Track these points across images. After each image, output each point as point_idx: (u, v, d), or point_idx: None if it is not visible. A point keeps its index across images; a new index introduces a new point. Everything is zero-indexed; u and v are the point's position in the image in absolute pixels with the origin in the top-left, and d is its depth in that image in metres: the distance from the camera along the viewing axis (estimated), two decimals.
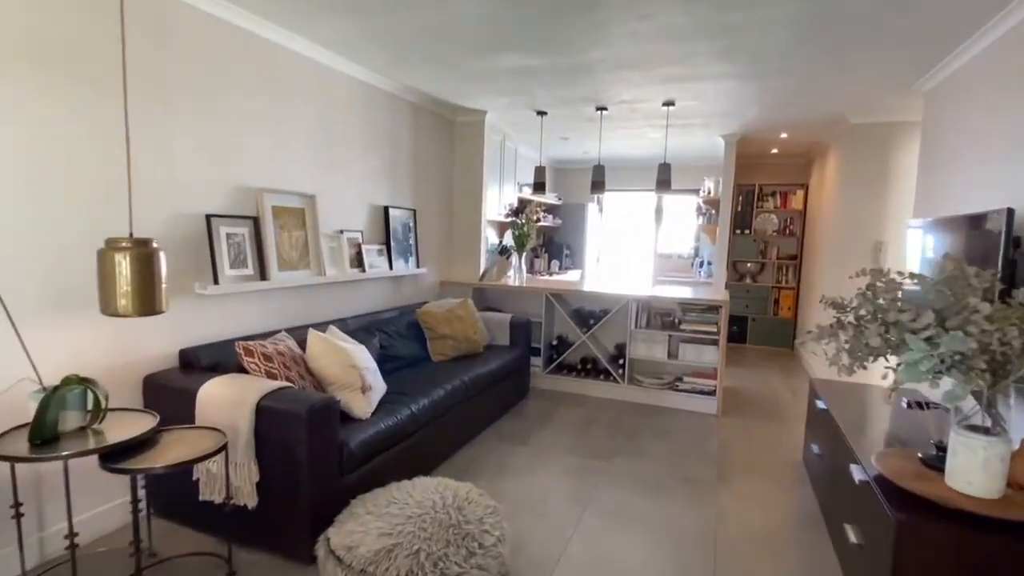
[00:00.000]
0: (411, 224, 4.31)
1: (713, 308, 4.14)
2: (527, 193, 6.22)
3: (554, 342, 4.65)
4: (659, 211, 7.74)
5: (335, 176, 3.48)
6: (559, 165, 7.93)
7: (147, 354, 2.41)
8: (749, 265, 6.91)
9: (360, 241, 3.73)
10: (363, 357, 2.69)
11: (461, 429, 3.32)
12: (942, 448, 1.91)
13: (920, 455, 1.98)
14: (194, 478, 2.18)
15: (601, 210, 8.14)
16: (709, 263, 6.80)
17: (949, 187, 3.02)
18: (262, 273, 2.88)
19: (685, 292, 4.54)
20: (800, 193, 6.61)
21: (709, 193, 5.73)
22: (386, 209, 4.00)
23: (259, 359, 2.38)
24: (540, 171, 4.77)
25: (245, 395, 2.11)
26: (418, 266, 4.38)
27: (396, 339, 3.63)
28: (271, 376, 2.36)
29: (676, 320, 4.37)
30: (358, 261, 3.70)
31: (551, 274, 6.90)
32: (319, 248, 3.26)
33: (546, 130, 5.55)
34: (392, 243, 4.04)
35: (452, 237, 5.04)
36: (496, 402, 3.80)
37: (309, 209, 3.22)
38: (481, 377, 3.52)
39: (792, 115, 4.59)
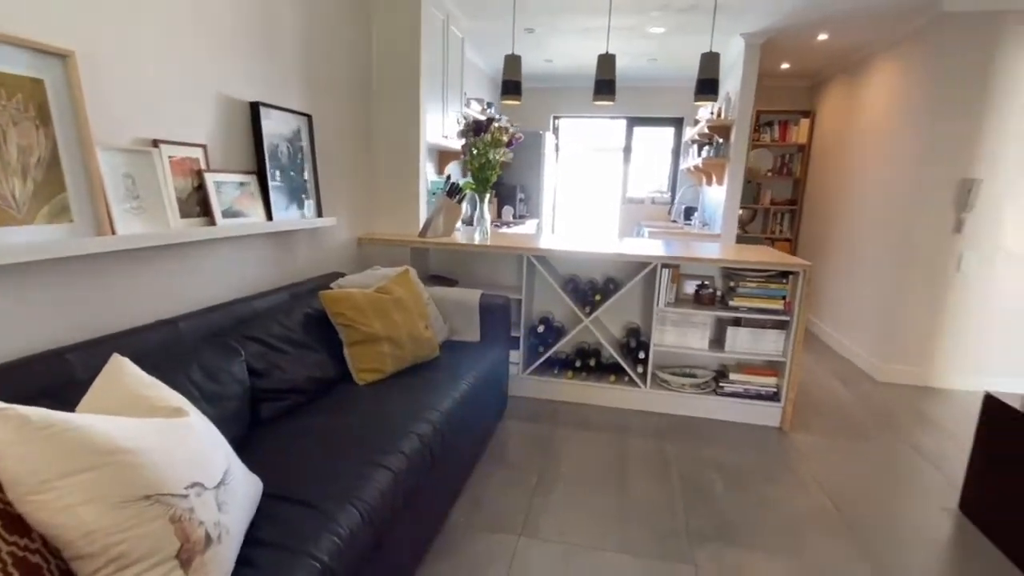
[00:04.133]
0: (304, 142, 2.51)
1: (783, 275, 2.79)
2: (477, 110, 4.49)
3: (539, 327, 3.12)
4: (628, 148, 6.32)
5: (135, 23, 1.62)
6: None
7: None
8: (741, 212, 5.70)
9: (202, 166, 1.92)
10: (175, 451, 1.01)
11: (421, 528, 1.75)
12: None
13: None
14: None
15: (556, 146, 6.55)
16: (692, 209, 5.53)
17: None
18: None
19: (711, 250, 3.15)
20: (804, 124, 5.41)
21: (719, 115, 4.34)
22: (255, 109, 2.17)
23: None
24: (513, 62, 3.08)
25: None
26: (319, 214, 2.62)
27: (283, 351, 1.92)
28: None
29: (717, 293, 2.99)
30: (200, 204, 1.90)
31: (505, 225, 5.27)
32: (90, 176, 1.46)
33: (505, 13, 3.82)
34: (271, 173, 2.25)
35: (374, 169, 3.27)
36: (469, 448, 2.25)
37: (58, 85, 1.39)
38: (453, 416, 1.94)
39: (858, 1, 3.23)
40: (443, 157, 4.30)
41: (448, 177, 3.52)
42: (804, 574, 1.76)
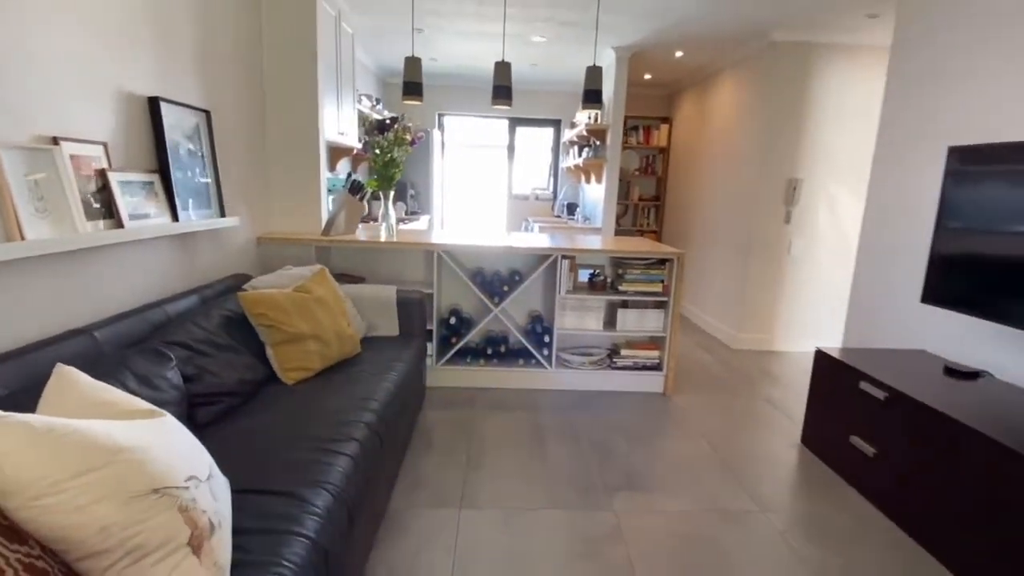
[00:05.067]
0: (204, 139, 2.41)
1: (660, 262, 3.23)
2: (368, 106, 4.48)
3: (450, 320, 3.27)
4: (511, 146, 6.64)
5: (19, 8, 1.49)
6: (395, 78, 6.18)
7: None
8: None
9: (106, 165, 1.81)
10: (169, 447, 1.03)
11: (377, 507, 1.83)
12: None
13: None
14: None
15: (442, 143, 6.68)
16: (574, 205, 6.00)
17: (955, 111, 2.48)
18: None
19: (595, 242, 3.55)
20: (664, 128, 6.12)
21: (596, 120, 4.79)
22: (154, 104, 2.06)
23: None
24: (413, 64, 3.17)
25: None
26: (222, 213, 2.53)
27: (210, 355, 1.88)
28: None
29: (607, 280, 3.37)
30: (105, 205, 1.79)
31: (400, 222, 5.29)
32: None
33: (395, 11, 3.89)
34: (174, 172, 2.15)
35: (272, 166, 3.18)
36: (403, 434, 2.36)
37: None
38: (392, 405, 2.03)
39: (708, 26, 3.80)
40: (335, 154, 4.24)
41: (350, 175, 3.52)
42: (698, 503, 2.14)
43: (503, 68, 3.22)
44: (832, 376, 2.52)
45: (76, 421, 0.92)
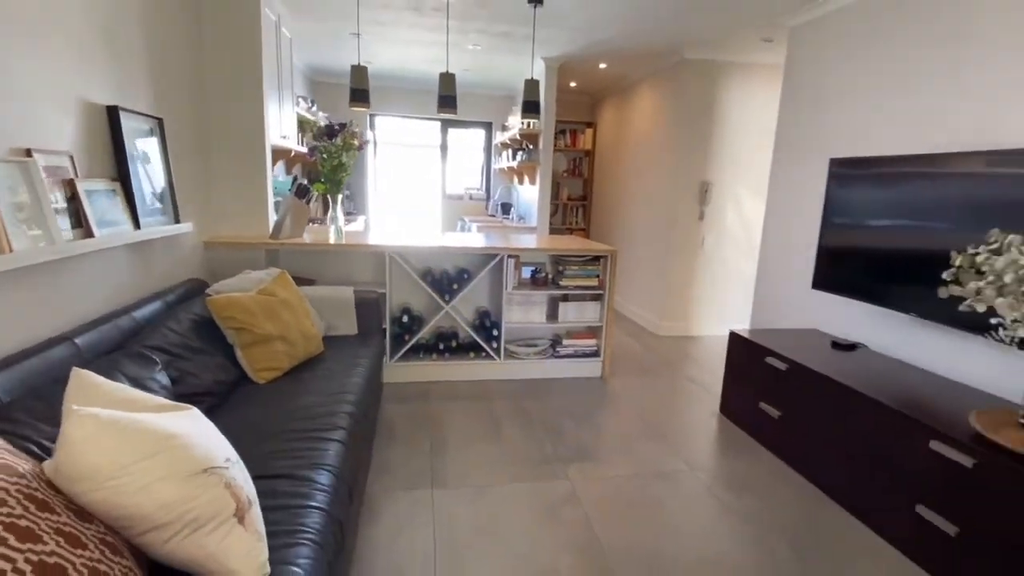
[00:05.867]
0: (158, 145, 2.42)
1: (595, 259, 3.55)
2: (305, 108, 4.49)
3: (402, 318, 3.42)
4: (444, 146, 6.79)
5: None
6: (327, 78, 6.13)
7: None
8: None
9: (72, 174, 1.83)
10: (205, 434, 1.17)
11: (360, 487, 1.98)
12: None
13: (1023, 420, 1.75)
14: None
15: (374, 143, 6.70)
16: (508, 205, 6.26)
17: (836, 127, 2.98)
18: None
19: (529, 240, 3.83)
20: (589, 132, 6.52)
21: (529, 125, 5.06)
22: (113, 113, 2.08)
23: None
24: (360, 72, 3.28)
25: None
26: (177, 219, 2.54)
27: (187, 358, 1.95)
28: None
29: (548, 276, 3.66)
30: (74, 215, 1.81)
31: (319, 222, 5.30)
32: None
33: (331, 16, 3.95)
34: (133, 180, 2.16)
35: (215, 171, 3.17)
36: (373, 425, 2.50)
37: None
38: (364, 397, 2.18)
39: (628, 43, 4.19)
40: (274, 157, 4.22)
41: (295, 178, 3.56)
42: (639, 468, 2.46)
43: (448, 79, 3.40)
44: (743, 353, 2.94)
45: (129, 414, 1.04)
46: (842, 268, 2.74)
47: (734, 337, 3.03)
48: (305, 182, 3.51)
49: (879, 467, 2.07)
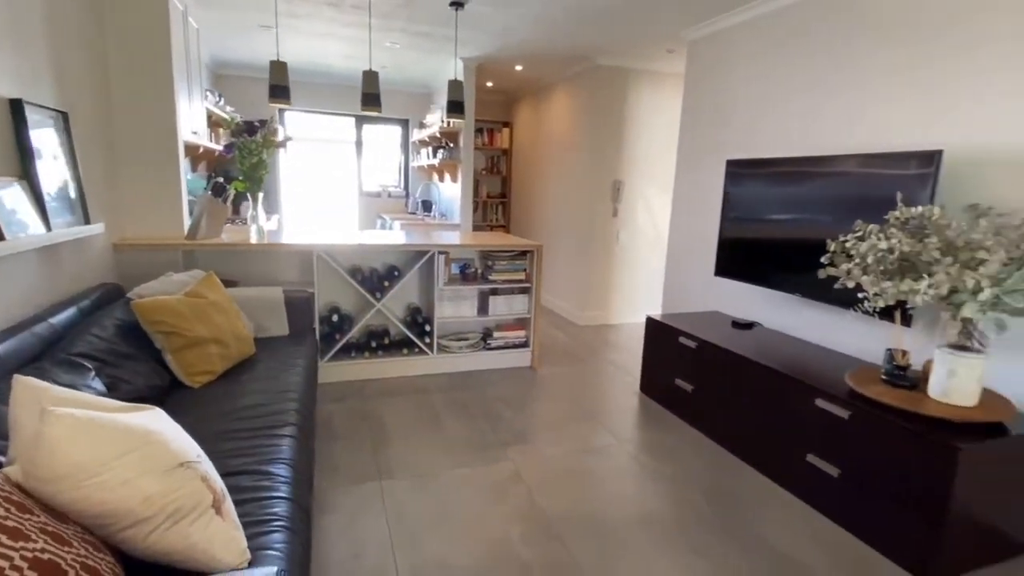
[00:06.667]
0: (64, 142, 2.27)
1: (522, 254, 3.72)
2: (212, 102, 4.27)
3: (332, 317, 3.39)
4: (359, 143, 6.69)
5: None
6: (232, 71, 5.82)
7: None
8: None
9: None
10: (174, 431, 1.18)
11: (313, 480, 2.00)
12: (901, 367, 2.09)
13: (885, 377, 2.12)
14: None
15: (286, 141, 6.45)
16: (429, 202, 6.30)
17: (736, 132, 3.37)
18: None
19: (453, 237, 3.95)
20: (506, 132, 6.71)
21: (448, 124, 5.13)
22: (17, 107, 1.93)
23: None
24: (280, 67, 3.20)
25: None
26: (87, 220, 2.39)
27: (118, 364, 1.87)
28: None
29: (477, 271, 3.78)
30: None
31: (241, 222, 5.07)
32: None
33: (245, 10, 3.82)
34: (41, 178, 2.02)
35: (123, 169, 2.98)
36: (312, 425, 2.49)
37: None
38: (306, 394, 2.19)
39: (544, 48, 4.40)
40: (191, 151, 3.99)
41: (211, 176, 3.41)
42: (572, 445, 2.66)
43: (371, 77, 3.42)
44: (659, 336, 3.23)
45: (101, 413, 1.04)
46: (739, 257, 3.11)
47: (650, 321, 3.32)
48: (222, 180, 3.38)
49: (775, 425, 2.40)
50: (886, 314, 2.19)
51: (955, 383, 1.88)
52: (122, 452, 1.01)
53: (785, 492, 2.34)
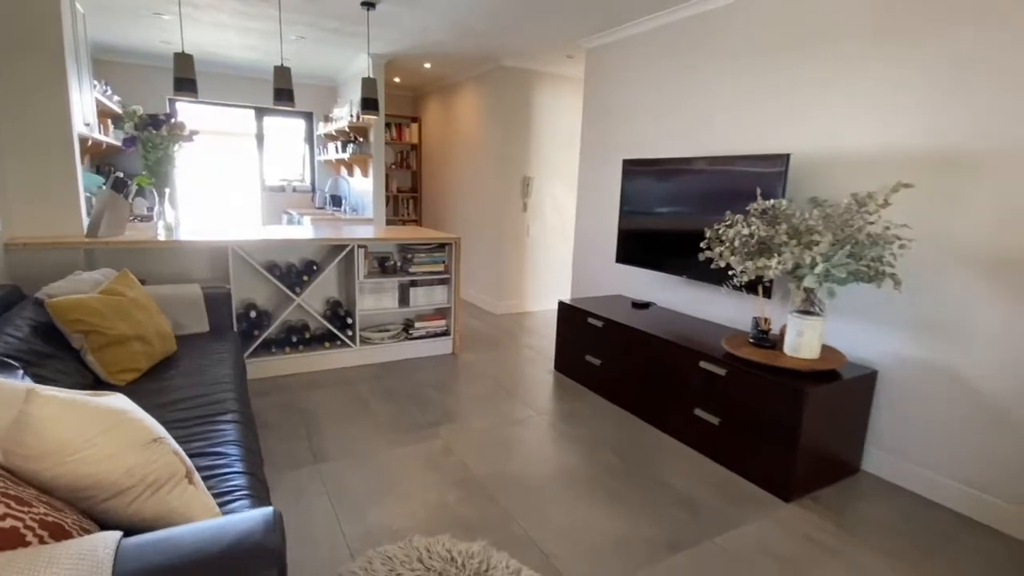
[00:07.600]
0: None
1: (441, 246, 3.90)
2: (99, 92, 4.00)
3: (250, 314, 3.37)
4: (260, 136, 6.48)
5: None
6: (116, 57, 5.38)
7: None
8: None
9: None
10: (140, 411, 1.26)
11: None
12: (764, 331, 2.54)
13: (752, 340, 2.57)
14: None
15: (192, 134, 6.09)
16: (338, 197, 6.26)
17: (632, 135, 3.78)
18: None
19: (368, 231, 4.06)
20: (415, 127, 6.80)
21: (357, 118, 5.15)
22: None
23: None
24: (185, 60, 3.12)
25: None
26: None
27: (40, 365, 1.84)
28: None
29: (397, 264, 3.91)
30: None
31: (138, 219, 4.78)
32: None
33: None
34: None
35: (6, 163, 2.78)
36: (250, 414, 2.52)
37: None
38: (240, 387, 2.24)
39: (452, 48, 4.59)
40: (87, 147, 3.72)
41: (111, 170, 3.25)
42: (497, 419, 2.90)
43: (283, 72, 3.42)
44: (570, 318, 3.57)
45: (77, 394, 1.11)
46: (635, 245, 3.51)
47: (562, 305, 3.65)
48: (122, 175, 3.23)
49: (669, 387, 2.80)
50: (752, 289, 2.65)
51: (802, 341, 2.35)
52: (104, 428, 1.10)
53: (679, 444, 2.75)
